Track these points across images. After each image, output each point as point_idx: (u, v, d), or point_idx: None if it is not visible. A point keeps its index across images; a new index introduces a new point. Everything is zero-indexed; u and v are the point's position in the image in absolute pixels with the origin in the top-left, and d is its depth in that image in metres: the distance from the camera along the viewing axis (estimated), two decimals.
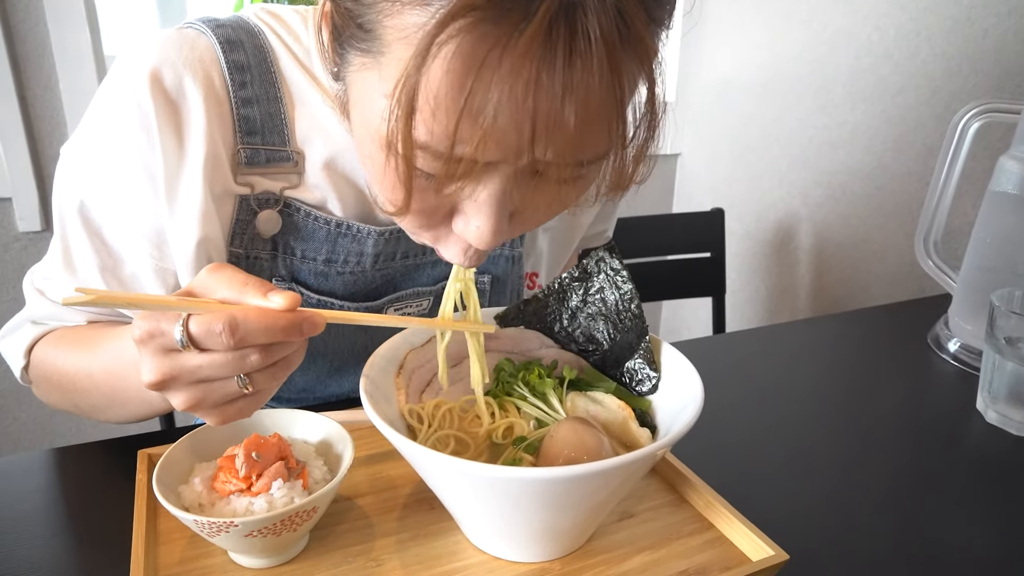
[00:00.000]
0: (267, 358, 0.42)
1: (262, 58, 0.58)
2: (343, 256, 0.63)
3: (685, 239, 1.41)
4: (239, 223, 0.59)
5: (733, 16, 1.64)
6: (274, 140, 0.58)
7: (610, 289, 0.57)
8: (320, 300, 0.64)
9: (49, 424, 1.44)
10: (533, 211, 0.46)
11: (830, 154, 1.42)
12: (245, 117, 0.57)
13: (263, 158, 0.58)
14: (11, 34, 1.20)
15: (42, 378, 0.65)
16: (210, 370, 0.41)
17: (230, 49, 0.57)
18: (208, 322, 0.40)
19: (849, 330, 0.99)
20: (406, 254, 0.66)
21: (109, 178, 0.57)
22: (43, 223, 1.31)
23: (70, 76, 1.24)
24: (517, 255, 0.72)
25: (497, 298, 0.73)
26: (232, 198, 0.59)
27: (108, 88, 0.57)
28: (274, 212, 0.60)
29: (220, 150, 0.57)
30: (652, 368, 0.54)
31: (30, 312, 0.65)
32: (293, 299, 0.41)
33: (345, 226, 0.62)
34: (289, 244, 0.62)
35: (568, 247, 0.81)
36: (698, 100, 1.78)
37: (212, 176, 0.57)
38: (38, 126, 1.26)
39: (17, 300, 1.32)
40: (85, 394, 0.61)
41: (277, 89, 0.58)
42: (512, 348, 0.59)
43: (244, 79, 0.57)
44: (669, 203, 1.92)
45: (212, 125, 0.56)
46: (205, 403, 0.43)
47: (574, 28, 0.34)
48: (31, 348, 0.65)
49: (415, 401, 0.53)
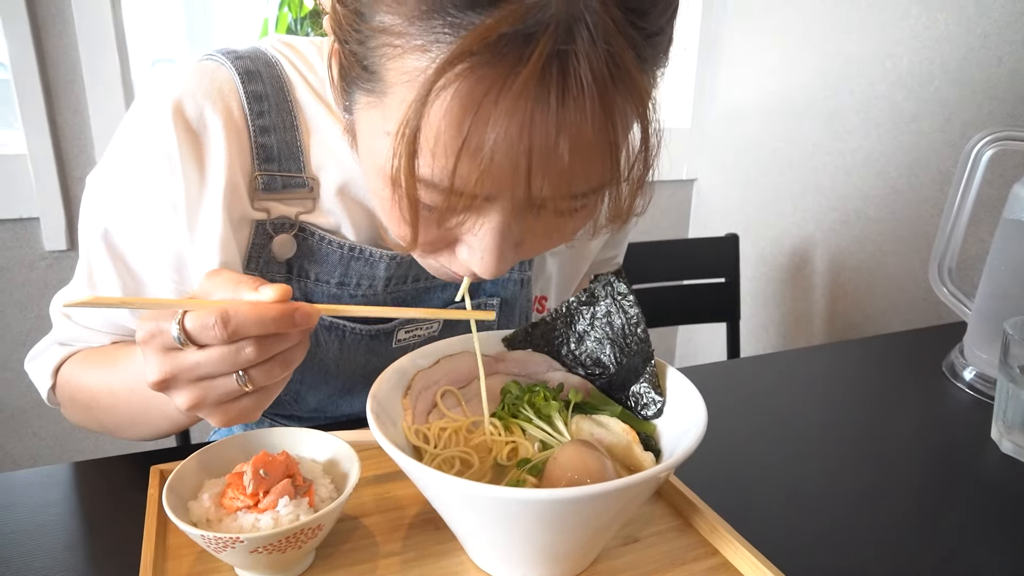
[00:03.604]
0: (263, 352, 0.43)
1: (279, 88, 0.60)
2: (355, 279, 0.64)
3: (700, 264, 1.41)
4: (255, 247, 0.61)
5: (748, 43, 1.65)
6: (290, 167, 0.60)
7: (617, 313, 0.57)
8: (332, 322, 0.65)
9: (68, 440, 1.46)
10: (535, 241, 0.48)
11: (844, 180, 1.42)
12: (263, 145, 0.59)
13: (279, 184, 0.60)
14: (44, 60, 1.24)
15: (68, 397, 0.67)
16: (208, 366, 0.43)
17: (248, 80, 0.59)
18: (201, 317, 0.42)
19: (864, 357, 0.99)
20: (417, 278, 0.67)
21: (132, 206, 0.59)
22: (68, 243, 1.34)
23: (98, 101, 1.28)
24: (526, 279, 0.73)
25: (506, 321, 0.74)
26: (249, 223, 0.60)
27: (133, 118, 0.59)
28: (289, 236, 0.61)
29: (239, 177, 0.58)
30: (657, 392, 0.54)
31: (57, 335, 0.67)
32: (283, 291, 0.43)
33: (358, 250, 0.63)
34: (304, 267, 0.63)
35: (577, 272, 0.81)
36: (714, 126, 1.79)
37: (231, 203, 0.58)
38: (66, 149, 1.30)
39: (42, 316, 1.36)
40: (108, 412, 0.63)
41: (293, 118, 0.60)
42: (520, 371, 0.60)
43: (262, 108, 0.59)
44: (685, 228, 1.92)
45: (231, 153, 0.58)
46: (206, 401, 0.45)
47: (567, 71, 0.36)
48: (58, 368, 0.67)
49: (422, 422, 0.54)
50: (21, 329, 1.37)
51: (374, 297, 0.65)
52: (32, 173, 1.27)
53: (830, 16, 1.42)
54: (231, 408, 0.46)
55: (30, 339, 1.36)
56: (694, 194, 1.89)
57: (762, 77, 1.62)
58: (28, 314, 1.36)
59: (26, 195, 1.28)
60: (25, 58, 1.22)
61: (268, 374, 0.45)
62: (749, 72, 1.66)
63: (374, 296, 0.65)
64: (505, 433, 0.53)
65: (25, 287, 1.35)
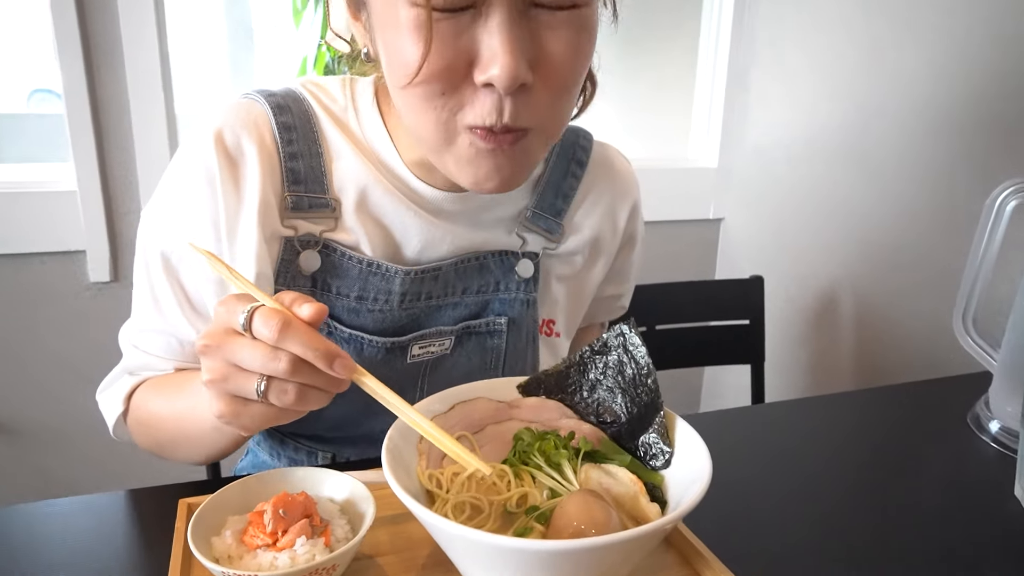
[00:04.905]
0: (291, 370, 0.47)
1: (306, 120, 0.68)
2: (373, 294, 0.69)
3: (724, 306, 1.41)
4: (284, 262, 0.67)
5: (776, 82, 1.67)
6: (315, 188, 0.67)
7: (628, 363, 0.59)
8: (351, 334, 0.70)
9: (108, 465, 1.50)
10: (547, 62, 0.52)
11: (873, 222, 1.42)
12: (291, 169, 0.66)
13: (306, 204, 0.67)
14: (96, 102, 1.31)
15: (136, 421, 0.72)
16: (243, 353, 0.47)
17: (279, 113, 0.67)
18: (268, 313, 0.46)
19: (888, 405, 0.98)
20: (430, 295, 0.72)
21: (182, 227, 0.66)
22: (112, 274, 1.40)
23: (144, 138, 1.34)
24: (532, 299, 0.76)
25: (514, 340, 0.77)
26: (279, 239, 0.67)
27: (182, 151, 0.67)
28: (314, 252, 0.68)
29: (270, 197, 0.66)
30: (666, 443, 0.55)
31: (126, 364, 0.73)
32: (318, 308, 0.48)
33: (375, 265, 0.69)
34: (326, 281, 0.69)
35: (581, 298, 0.84)
36: (742, 166, 1.80)
37: (264, 220, 0.65)
38: (113, 184, 1.36)
39: (84, 343, 1.41)
40: (170, 432, 0.68)
41: (318, 146, 0.68)
42: (533, 417, 0.61)
43: (291, 137, 0.66)
44: (712, 267, 1.92)
45: (264, 176, 0.65)
46: (223, 385, 0.49)
47: None
48: (130, 395, 0.72)
49: (436, 467, 0.56)
50: (65, 355, 1.42)
51: (390, 312, 0.70)
52: (80, 208, 1.33)
53: (860, 58, 1.43)
54: (237, 407, 0.50)
55: (73, 365, 1.42)
56: (721, 234, 1.89)
57: (791, 117, 1.63)
58: (72, 341, 1.42)
59: (74, 229, 1.34)
60: (78, 95, 1.28)
61: (281, 395, 0.48)
62: (778, 111, 1.68)
63: (390, 312, 0.70)
64: (515, 480, 0.54)
65: (70, 316, 1.41)
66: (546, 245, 0.77)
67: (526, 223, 0.75)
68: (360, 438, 0.77)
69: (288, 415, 0.51)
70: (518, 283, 0.75)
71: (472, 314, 0.75)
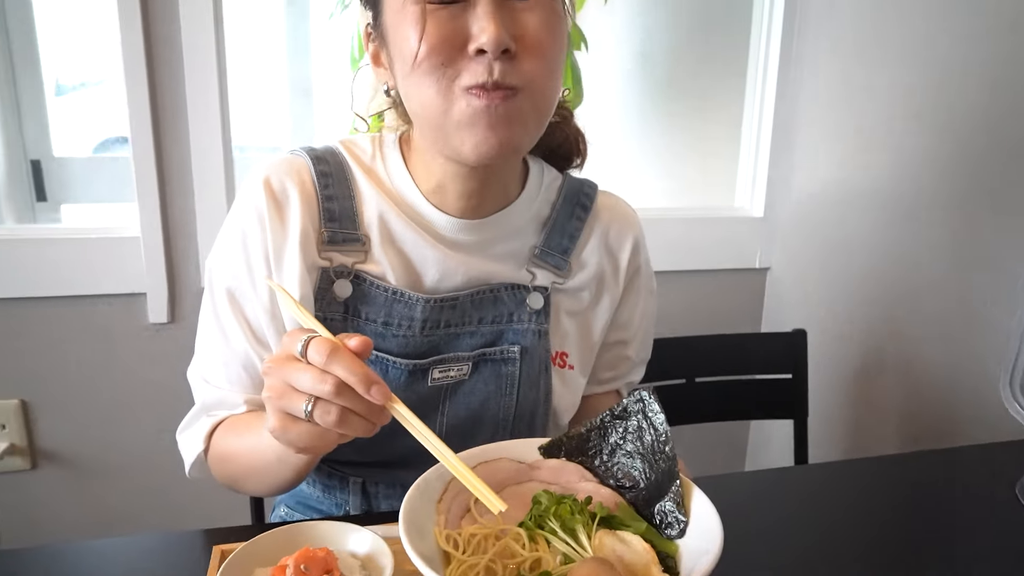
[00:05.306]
0: (335, 393, 0.53)
1: (340, 169, 0.79)
2: (397, 320, 0.77)
3: (766, 359, 1.39)
4: (320, 289, 0.77)
5: (823, 133, 1.66)
6: (348, 225, 0.77)
7: (648, 430, 0.59)
8: (378, 356, 0.77)
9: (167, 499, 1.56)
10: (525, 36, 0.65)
11: (918, 278, 1.38)
12: (327, 209, 0.77)
13: (340, 238, 0.77)
14: (161, 154, 1.39)
15: (214, 457, 0.79)
16: (296, 374, 0.54)
17: (318, 163, 0.78)
18: (321, 342, 0.54)
19: (933, 470, 0.95)
20: (448, 323, 0.79)
21: (242, 263, 0.76)
22: (169, 316, 1.46)
23: (204, 190, 1.41)
24: (543, 330, 0.82)
25: (527, 368, 0.82)
26: (317, 268, 0.77)
27: (237, 200, 0.78)
28: (347, 281, 0.77)
29: (310, 231, 0.76)
30: (681, 512, 0.55)
31: (202, 402, 0.80)
32: (363, 341, 0.55)
33: (399, 293, 0.77)
34: (356, 307, 0.77)
35: (590, 336, 0.88)
36: (788, 215, 1.78)
37: (305, 250, 0.75)
38: (174, 232, 1.44)
39: (142, 380, 1.48)
40: (238, 465, 0.76)
41: (351, 190, 0.78)
42: (553, 479, 0.62)
43: (327, 183, 0.77)
44: (758, 316, 1.90)
45: (305, 214, 0.75)
46: (278, 402, 0.56)
47: None
48: (210, 434, 0.79)
49: (454, 526, 0.57)
50: (123, 392, 1.49)
51: (413, 338, 0.77)
52: (143, 253, 1.41)
53: (906, 111, 1.42)
54: (287, 423, 0.56)
55: (131, 401, 1.49)
56: (767, 284, 1.87)
57: (838, 168, 1.62)
58: (131, 378, 1.49)
59: (136, 272, 1.42)
60: (144, 148, 1.37)
61: (325, 415, 0.54)
62: (824, 162, 1.66)
63: (412, 337, 0.77)
64: (530, 544, 0.55)
65: (130, 355, 1.48)
66: (554, 280, 0.84)
67: (535, 259, 0.83)
68: (389, 462, 0.81)
69: (330, 438, 0.57)
70: (530, 314, 0.82)
71: (488, 342, 0.81)
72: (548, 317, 0.83)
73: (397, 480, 0.82)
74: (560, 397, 0.84)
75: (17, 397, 1.45)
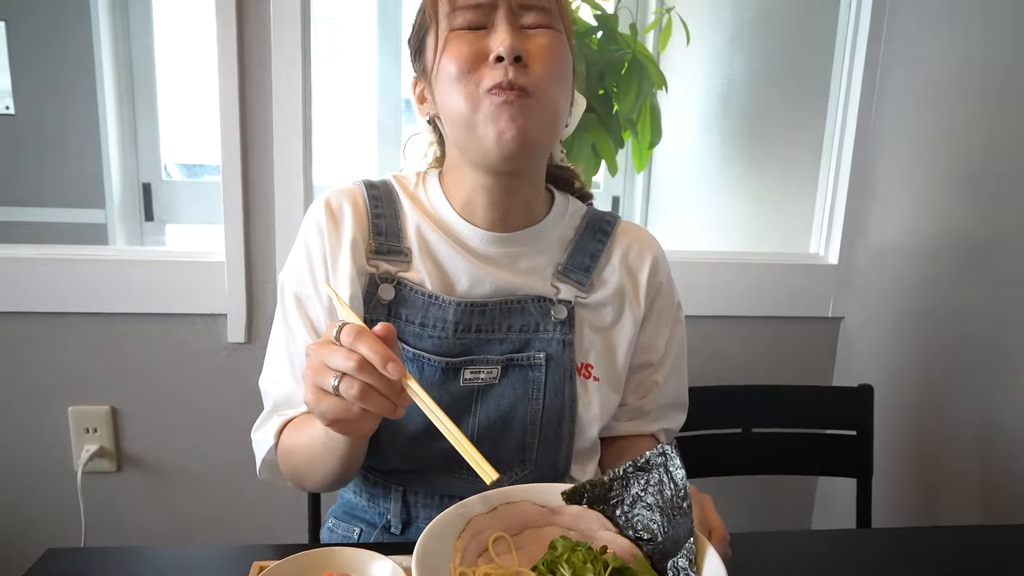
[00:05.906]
0: (358, 369, 0.62)
1: (389, 194, 0.93)
2: (432, 321, 0.87)
3: (829, 413, 1.35)
4: (367, 293, 0.88)
5: (902, 183, 1.60)
6: (393, 239, 0.90)
7: (668, 484, 0.59)
8: (416, 354, 0.86)
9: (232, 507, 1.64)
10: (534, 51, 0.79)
11: (999, 334, 1.31)
12: (376, 224, 0.90)
13: (385, 249, 0.89)
14: (248, 185, 1.50)
15: (281, 452, 0.88)
16: (327, 353, 0.64)
17: (370, 188, 0.92)
18: (351, 328, 0.64)
19: (1012, 548, 0.89)
20: (479, 328, 0.88)
21: (306, 270, 0.89)
22: (247, 336, 1.56)
23: (284, 219, 1.51)
24: (568, 340, 0.89)
25: (552, 375, 0.88)
26: (365, 274, 0.88)
27: (305, 219, 0.92)
28: (390, 286, 0.88)
29: (359, 241, 0.89)
30: (693, 570, 0.55)
31: (272, 401, 0.90)
32: (386, 327, 0.65)
33: (434, 297, 0.87)
34: (398, 310, 0.88)
35: (614, 352, 0.95)
36: (864, 265, 1.72)
37: (355, 257, 0.87)
38: (255, 255, 1.53)
39: (219, 397, 1.57)
40: (298, 457, 0.84)
41: (396, 211, 0.92)
42: (573, 525, 0.63)
43: (377, 203, 0.91)
44: (830, 369, 1.83)
45: (356, 227, 0.89)
46: (312, 377, 0.65)
47: None
48: (280, 431, 0.88)
49: (470, 564, 0.59)
50: (203, 406, 1.59)
51: (446, 339, 0.86)
52: (226, 276, 1.51)
53: (986, 162, 1.36)
54: (319, 396, 0.65)
55: (209, 415, 1.59)
56: (840, 333, 1.81)
57: (915, 219, 1.56)
58: (209, 394, 1.59)
59: (218, 294, 1.52)
60: (233, 179, 1.48)
61: (348, 388, 0.63)
62: (902, 213, 1.60)
63: (446, 338, 0.86)
64: None
65: (209, 372, 1.58)
66: (578, 294, 0.92)
67: (559, 275, 0.92)
68: (427, 468, 0.88)
69: (354, 411, 0.64)
70: (555, 324, 0.89)
71: (516, 349, 0.89)
72: (572, 328, 0.90)
73: (434, 490, 0.90)
74: (585, 406, 0.90)
75: (108, 403, 1.57)
